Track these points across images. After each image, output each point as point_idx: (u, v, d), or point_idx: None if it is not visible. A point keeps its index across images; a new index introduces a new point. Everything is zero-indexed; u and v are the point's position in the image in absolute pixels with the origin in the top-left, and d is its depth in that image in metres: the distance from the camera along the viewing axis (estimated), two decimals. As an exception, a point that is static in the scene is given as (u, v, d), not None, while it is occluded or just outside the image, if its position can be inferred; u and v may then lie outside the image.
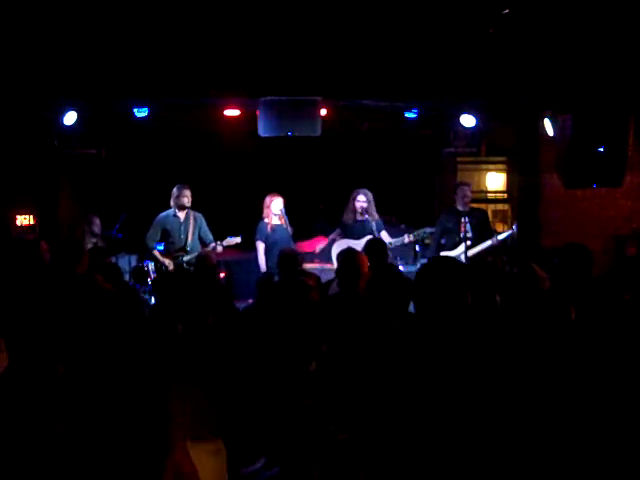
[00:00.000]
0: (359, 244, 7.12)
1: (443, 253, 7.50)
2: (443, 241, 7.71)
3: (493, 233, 7.47)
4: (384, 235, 7.39)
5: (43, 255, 5.72)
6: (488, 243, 7.31)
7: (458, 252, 7.34)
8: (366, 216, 7.50)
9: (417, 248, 8.23)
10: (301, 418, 4.09)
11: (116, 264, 6.24)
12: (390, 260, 6.36)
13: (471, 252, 7.24)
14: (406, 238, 7.41)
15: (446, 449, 2.89)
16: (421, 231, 7.44)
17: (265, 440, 4.49)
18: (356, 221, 7.59)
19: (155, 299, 6.75)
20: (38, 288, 4.90)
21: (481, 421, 2.95)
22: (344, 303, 4.20)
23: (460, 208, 7.50)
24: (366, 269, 4.47)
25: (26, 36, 6.79)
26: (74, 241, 7.70)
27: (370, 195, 7.60)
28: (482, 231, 7.41)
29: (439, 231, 7.68)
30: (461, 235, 7.25)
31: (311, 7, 6.79)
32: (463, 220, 7.22)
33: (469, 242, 7.21)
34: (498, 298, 4.49)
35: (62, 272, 5.18)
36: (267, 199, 7.69)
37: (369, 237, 7.18)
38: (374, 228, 7.42)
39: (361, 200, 7.54)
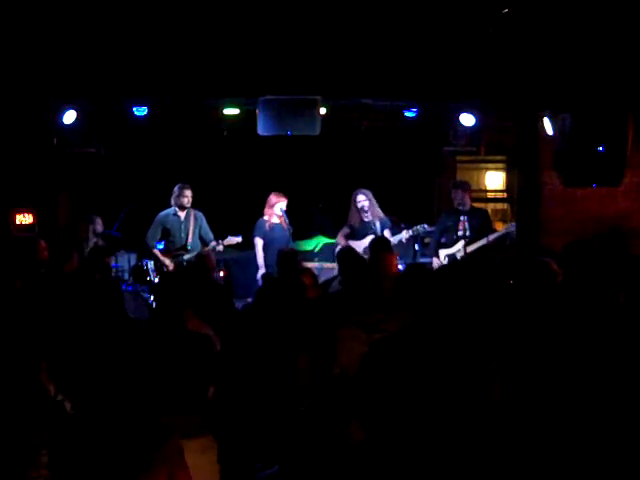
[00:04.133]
0: (362, 244, 7.21)
1: (441, 251, 7.55)
2: (443, 240, 7.73)
3: (490, 233, 7.49)
4: (386, 234, 7.41)
5: (41, 254, 5.74)
6: (482, 242, 7.36)
7: (454, 250, 7.41)
8: (369, 214, 7.53)
9: (416, 247, 8.24)
10: (300, 417, 4.09)
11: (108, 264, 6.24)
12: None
13: (467, 250, 7.35)
14: (405, 234, 7.45)
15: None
16: (419, 226, 7.48)
17: (265, 439, 4.49)
18: (362, 222, 7.60)
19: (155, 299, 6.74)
20: (33, 286, 4.91)
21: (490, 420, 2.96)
22: (369, 304, 4.06)
23: (460, 207, 7.53)
24: (394, 269, 4.35)
25: (26, 35, 6.79)
26: (64, 240, 7.71)
27: (370, 194, 7.63)
28: (481, 231, 7.44)
29: (439, 230, 7.71)
30: (459, 234, 7.38)
31: (310, 6, 6.79)
32: (462, 219, 7.35)
33: (465, 242, 7.36)
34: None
35: (53, 270, 5.20)
36: (273, 198, 7.67)
37: (371, 236, 7.26)
38: (377, 227, 7.45)
39: (361, 200, 7.57)
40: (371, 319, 3.79)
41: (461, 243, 7.39)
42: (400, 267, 6.90)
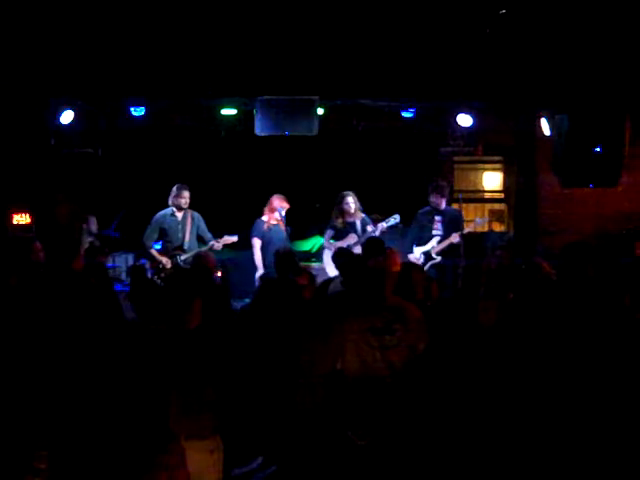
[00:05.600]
0: (344, 244, 7.29)
1: (416, 248, 7.69)
2: (419, 238, 7.80)
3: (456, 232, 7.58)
4: (370, 229, 7.51)
5: (37, 254, 5.73)
6: (446, 243, 7.53)
7: (429, 247, 7.61)
8: (353, 216, 7.60)
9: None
10: (298, 416, 4.09)
11: (103, 264, 6.25)
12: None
13: (438, 248, 7.57)
14: (379, 227, 7.49)
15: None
16: (391, 218, 7.55)
17: (263, 439, 4.49)
18: (344, 223, 7.68)
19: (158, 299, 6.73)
20: (31, 286, 4.90)
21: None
22: (374, 306, 3.97)
23: (435, 207, 7.70)
24: (394, 268, 4.32)
25: (24, 35, 6.79)
26: (70, 239, 7.71)
27: (354, 195, 7.70)
28: (453, 230, 7.53)
29: (416, 227, 7.78)
30: (433, 232, 7.63)
31: (308, 7, 6.79)
32: (436, 219, 7.64)
33: (439, 239, 7.57)
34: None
35: (58, 269, 5.18)
36: (275, 202, 7.64)
37: (352, 235, 7.56)
38: (358, 226, 7.58)
39: (351, 202, 7.63)
40: (379, 322, 3.78)
41: (435, 240, 7.61)
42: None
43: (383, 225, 7.53)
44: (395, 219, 7.56)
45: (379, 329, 3.74)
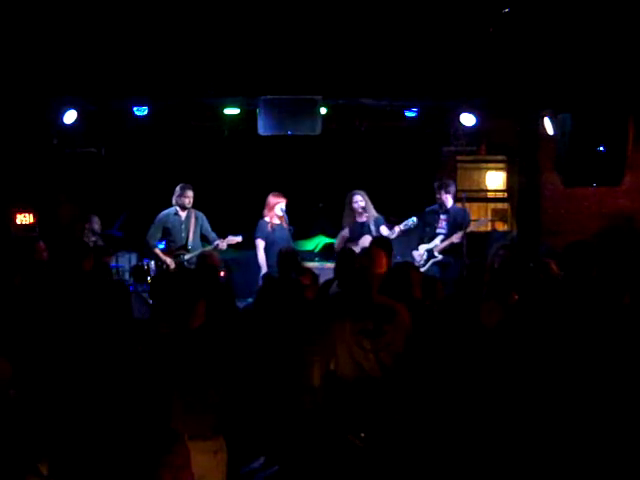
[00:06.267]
0: (358, 245, 7.24)
1: (422, 246, 7.71)
2: (425, 236, 7.82)
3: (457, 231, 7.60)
4: (384, 230, 7.43)
5: (40, 254, 5.75)
6: (448, 242, 7.53)
7: (432, 245, 7.65)
8: (364, 215, 7.54)
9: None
10: (301, 417, 4.09)
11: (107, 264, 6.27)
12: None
13: (440, 247, 7.59)
14: (396, 229, 7.46)
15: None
16: (409, 220, 7.50)
17: (265, 439, 4.49)
18: (355, 223, 7.62)
19: (153, 298, 6.73)
20: (35, 286, 4.91)
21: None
22: (365, 308, 3.96)
23: (441, 206, 7.71)
24: (380, 268, 4.29)
25: (26, 35, 6.80)
26: (78, 238, 7.73)
27: (365, 194, 7.64)
28: (458, 229, 7.53)
29: (422, 225, 7.80)
30: (437, 231, 7.65)
31: (311, 6, 6.79)
32: (442, 217, 7.68)
33: (442, 237, 7.60)
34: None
35: (69, 269, 5.18)
36: (271, 199, 7.63)
37: (367, 237, 7.32)
38: (372, 226, 7.47)
39: (358, 200, 7.59)
40: (370, 324, 3.78)
41: (438, 239, 7.62)
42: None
43: (400, 227, 7.48)
44: (413, 221, 7.51)
45: (371, 331, 3.74)
